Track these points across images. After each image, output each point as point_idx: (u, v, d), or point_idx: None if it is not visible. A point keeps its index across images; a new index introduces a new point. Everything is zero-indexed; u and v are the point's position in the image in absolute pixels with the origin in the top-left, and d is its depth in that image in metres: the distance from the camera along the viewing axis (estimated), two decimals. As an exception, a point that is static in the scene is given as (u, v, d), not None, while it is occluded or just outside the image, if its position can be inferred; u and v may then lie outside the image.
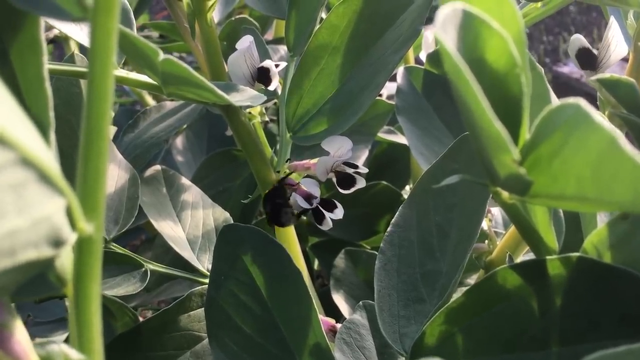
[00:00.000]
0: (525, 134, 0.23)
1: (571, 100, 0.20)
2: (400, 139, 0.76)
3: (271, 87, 0.46)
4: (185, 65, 0.33)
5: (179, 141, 0.79)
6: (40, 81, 0.25)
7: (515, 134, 0.24)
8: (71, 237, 0.21)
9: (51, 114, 0.25)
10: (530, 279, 0.29)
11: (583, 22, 2.11)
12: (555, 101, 0.31)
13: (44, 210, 0.19)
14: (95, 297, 0.23)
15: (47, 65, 0.25)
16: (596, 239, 0.27)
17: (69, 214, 0.21)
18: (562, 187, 0.22)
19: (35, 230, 0.19)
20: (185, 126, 0.73)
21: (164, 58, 0.32)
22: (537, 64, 0.30)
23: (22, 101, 0.26)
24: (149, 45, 0.32)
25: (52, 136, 0.25)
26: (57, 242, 0.20)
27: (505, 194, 0.26)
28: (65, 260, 0.23)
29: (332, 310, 0.62)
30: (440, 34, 0.21)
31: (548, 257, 0.28)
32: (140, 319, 0.50)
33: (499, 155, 0.22)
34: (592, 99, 0.31)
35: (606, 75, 0.33)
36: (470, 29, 0.23)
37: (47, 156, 0.19)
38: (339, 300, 0.64)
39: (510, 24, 0.23)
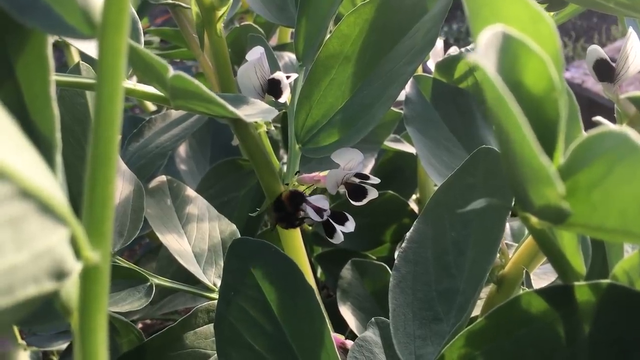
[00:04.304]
0: (560, 159, 0.22)
1: (615, 128, 0.19)
2: (407, 148, 0.75)
3: (282, 100, 0.45)
4: (196, 81, 0.32)
5: (182, 149, 0.78)
6: (47, 100, 0.24)
7: (549, 157, 0.23)
8: (76, 268, 0.20)
9: (58, 135, 0.23)
10: (556, 304, 0.28)
11: (584, 27, 2.10)
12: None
13: (45, 242, 0.18)
14: (101, 327, 0.22)
15: (54, 77, 0.24)
16: (628, 265, 0.26)
17: (74, 242, 0.20)
18: (602, 219, 0.21)
19: (36, 265, 0.18)
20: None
21: (174, 74, 0.31)
22: (565, 82, 0.29)
23: (27, 119, 0.25)
24: (159, 60, 0.31)
25: (59, 158, 0.24)
26: (60, 275, 0.19)
27: (534, 219, 0.25)
28: (70, 289, 0.22)
29: (338, 323, 0.61)
30: (482, 61, 0.20)
31: (576, 283, 0.27)
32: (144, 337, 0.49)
33: (540, 187, 0.21)
34: (595, 105, 0.30)
35: (637, 93, 0.32)
36: (509, 50, 0.22)
37: (50, 185, 0.18)
38: (346, 312, 0.62)
39: (547, 43, 0.22)
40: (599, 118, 0.29)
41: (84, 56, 0.68)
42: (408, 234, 0.40)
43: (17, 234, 0.17)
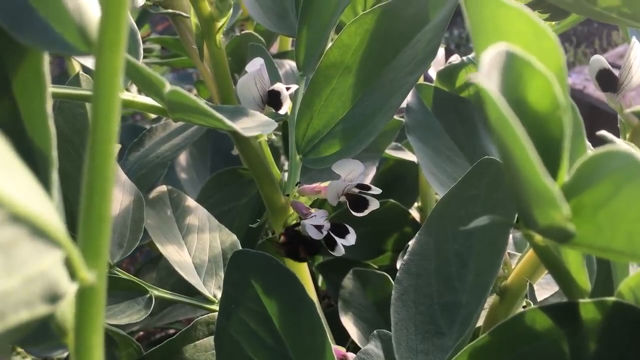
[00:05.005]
0: (564, 176, 0.22)
1: (620, 149, 0.18)
2: (408, 156, 0.75)
3: (282, 111, 0.44)
4: (192, 96, 0.32)
5: (183, 158, 0.77)
6: (43, 117, 0.23)
7: (553, 175, 0.23)
8: (70, 290, 0.19)
9: (54, 153, 0.23)
10: (561, 321, 0.27)
11: (585, 32, 2.10)
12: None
13: (37, 266, 0.18)
14: (98, 347, 0.21)
15: (52, 89, 0.24)
16: (634, 283, 0.26)
17: (68, 263, 0.19)
18: (608, 240, 0.20)
19: (28, 290, 0.17)
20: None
21: (171, 90, 0.31)
22: (570, 98, 0.29)
23: (24, 137, 0.24)
24: (156, 76, 0.31)
25: (55, 176, 0.23)
26: (54, 298, 0.19)
27: (538, 237, 0.25)
28: (66, 309, 0.22)
29: (339, 333, 0.61)
30: (485, 83, 0.19)
31: (581, 301, 0.26)
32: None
33: (544, 208, 0.21)
34: (596, 111, 0.29)
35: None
36: (512, 69, 0.21)
37: (44, 207, 0.18)
38: (347, 322, 0.62)
39: (551, 59, 0.22)
40: (603, 132, 0.28)
41: (84, 66, 0.68)
42: (410, 245, 0.40)
43: (7, 259, 0.16)
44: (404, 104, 0.58)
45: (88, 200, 0.20)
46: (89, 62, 0.41)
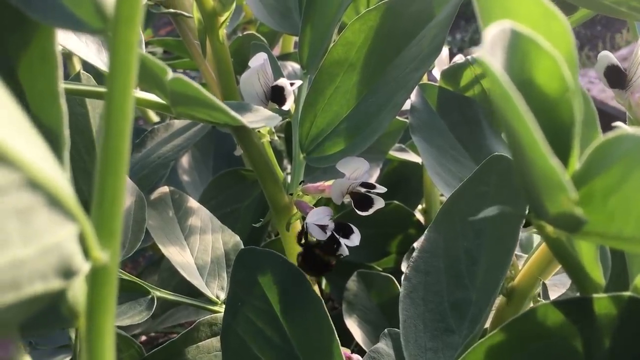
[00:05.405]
0: (575, 164, 0.21)
1: (629, 130, 0.18)
2: (412, 157, 0.74)
3: (285, 107, 0.44)
4: (196, 84, 0.31)
5: (185, 159, 0.77)
6: (53, 96, 0.23)
7: (564, 162, 0.22)
8: (84, 267, 0.19)
9: (66, 132, 0.23)
10: (574, 317, 0.26)
11: (588, 35, 2.10)
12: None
13: (53, 237, 0.17)
14: (109, 331, 0.21)
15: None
16: (651, 277, 0.25)
17: (82, 241, 0.19)
18: (619, 227, 0.20)
19: (43, 260, 0.17)
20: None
21: (173, 77, 0.30)
22: (583, 87, 0.28)
23: (30, 120, 0.24)
24: (158, 63, 0.30)
25: (67, 156, 0.23)
26: (68, 273, 0.18)
27: (550, 228, 0.24)
28: (77, 291, 0.21)
29: (344, 335, 0.60)
30: (487, 57, 0.19)
31: (595, 295, 0.26)
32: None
33: (552, 193, 0.20)
34: (600, 113, 0.29)
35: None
36: (518, 48, 0.21)
37: (59, 178, 0.17)
38: (352, 325, 0.61)
39: (560, 41, 0.21)
40: (618, 123, 0.28)
41: (85, 66, 0.67)
42: (419, 243, 0.39)
43: (24, 227, 0.16)
44: (407, 105, 0.58)
45: (102, 180, 0.19)
46: (92, 59, 0.40)
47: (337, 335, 0.37)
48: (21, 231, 0.15)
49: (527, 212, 0.34)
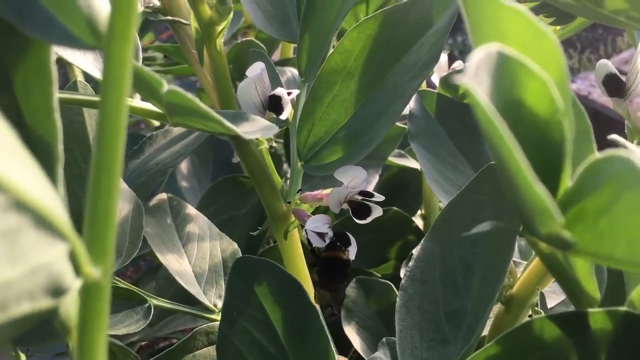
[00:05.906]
0: (567, 182, 0.21)
1: (620, 153, 0.18)
2: (411, 163, 0.74)
3: (283, 116, 0.44)
4: (190, 96, 0.31)
5: (184, 166, 0.77)
6: (48, 111, 0.23)
7: (555, 180, 0.22)
8: (74, 284, 0.19)
9: (60, 147, 0.23)
10: (570, 331, 0.26)
11: (589, 38, 2.10)
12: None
13: (42, 257, 0.17)
14: (102, 346, 0.21)
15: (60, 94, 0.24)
16: (646, 292, 0.25)
17: (73, 258, 0.19)
18: (610, 248, 0.20)
19: (31, 281, 0.17)
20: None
21: (169, 89, 0.30)
22: (577, 100, 0.28)
23: (25, 133, 0.24)
24: (153, 75, 0.30)
25: (60, 172, 0.23)
26: (57, 292, 0.18)
27: (542, 244, 0.24)
28: (69, 306, 0.21)
29: (342, 342, 0.60)
30: (470, 84, 0.19)
31: (590, 310, 0.26)
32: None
33: (540, 217, 0.20)
34: (601, 117, 0.29)
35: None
36: (506, 70, 0.20)
37: (48, 198, 0.17)
38: (350, 332, 0.61)
39: (551, 60, 0.21)
40: (614, 136, 0.28)
41: (86, 75, 0.67)
42: (415, 252, 0.39)
43: (11, 248, 0.16)
44: (406, 111, 0.58)
45: (94, 194, 0.19)
46: (90, 69, 0.40)
47: (333, 346, 0.37)
48: (8, 252, 0.15)
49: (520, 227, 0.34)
